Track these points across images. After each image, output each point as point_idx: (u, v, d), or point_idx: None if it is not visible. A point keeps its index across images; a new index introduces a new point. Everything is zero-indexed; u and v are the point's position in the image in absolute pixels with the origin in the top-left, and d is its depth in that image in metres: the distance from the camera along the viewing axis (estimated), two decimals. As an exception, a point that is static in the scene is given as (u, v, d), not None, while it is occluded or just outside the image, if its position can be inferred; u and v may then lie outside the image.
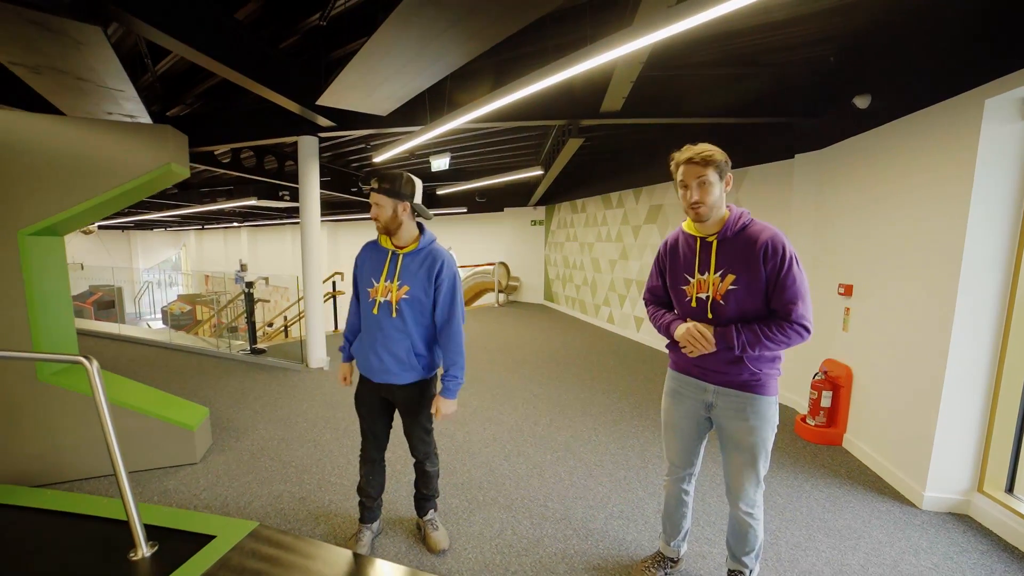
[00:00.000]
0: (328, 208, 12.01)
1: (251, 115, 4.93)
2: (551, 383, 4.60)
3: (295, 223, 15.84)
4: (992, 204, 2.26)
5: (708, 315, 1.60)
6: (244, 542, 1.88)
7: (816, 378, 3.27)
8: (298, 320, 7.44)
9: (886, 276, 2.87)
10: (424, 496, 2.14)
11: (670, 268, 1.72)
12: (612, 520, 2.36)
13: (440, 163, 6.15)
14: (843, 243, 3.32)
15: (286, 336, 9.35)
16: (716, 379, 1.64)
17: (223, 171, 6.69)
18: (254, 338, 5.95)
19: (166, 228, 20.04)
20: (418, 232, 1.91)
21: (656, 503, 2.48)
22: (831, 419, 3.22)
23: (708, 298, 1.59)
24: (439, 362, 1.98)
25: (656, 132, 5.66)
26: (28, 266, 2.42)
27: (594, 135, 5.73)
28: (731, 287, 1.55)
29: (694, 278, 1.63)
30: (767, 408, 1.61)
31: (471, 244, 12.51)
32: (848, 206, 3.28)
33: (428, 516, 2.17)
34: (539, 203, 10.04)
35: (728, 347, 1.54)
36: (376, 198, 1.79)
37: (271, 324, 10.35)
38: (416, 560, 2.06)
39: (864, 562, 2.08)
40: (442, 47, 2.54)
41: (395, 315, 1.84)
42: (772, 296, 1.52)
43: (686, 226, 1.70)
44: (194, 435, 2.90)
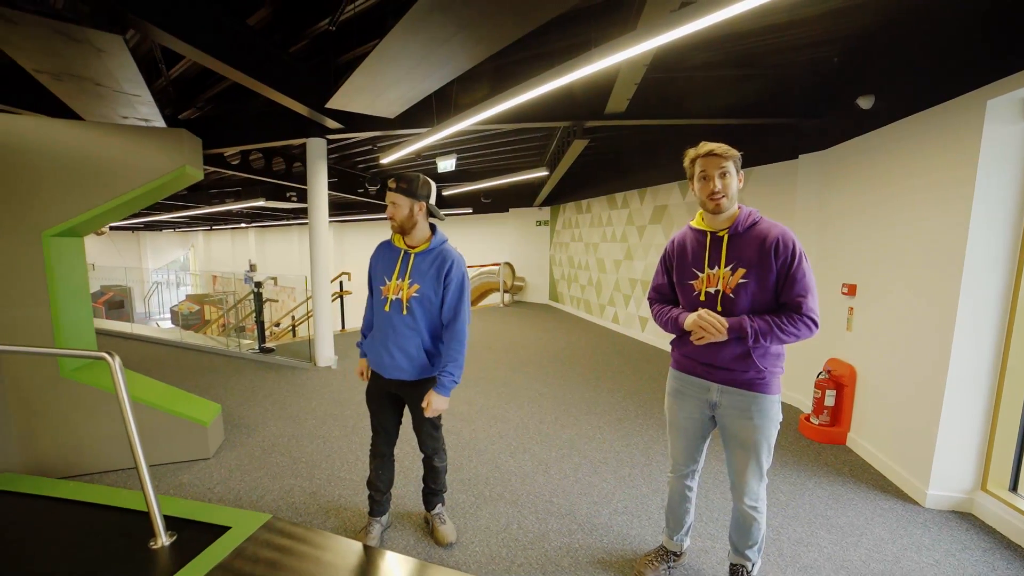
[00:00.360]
0: (335, 209, 12.12)
1: (261, 118, 5.01)
2: (556, 382, 4.65)
3: (302, 224, 15.97)
4: (994, 204, 2.28)
5: (718, 308, 1.63)
6: (258, 533, 1.94)
7: (820, 377, 3.29)
8: (306, 319, 7.53)
9: (889, 276, 2.89)
10: (432, 491, 2.20)
11: (678, 264, 1.75)
12: (616, 515, 2.40)
13: (446, 164, 6.21)
14: (847, 243, 3.34)
15: (294, 335, 9.44)
16: (721, 377, 1.66)
17: (232, 172, 6.79)
18: (263, 337, 6.04)
19: (175, 229, 20.29)
20: (430, 232, 1.97)
21: (659, 499, 2.52)
22: (835, 418, 3.24)
23: (718, 292, 1.62)
24: None
25: (660, 133, 5.69)
26: (51, 266, 2.51)
27: (599, 136, 5.78)
28: (741, 281, 1.58)
29: (703, 272, 1.66)
30: (771, 407, 1.64)
31: (476, 244, 12.56)
32: (851, 206, 3.30)
33: (436, 510, 2.22)
34: (544, 203, 10.08)
35: (740, 336, 1.56)
36: (393, 197, 1.85)
37: (278, 324, 10.45)
38: (424, 553, 2.11)
39: (866, 558, 2.10)
40: (450, 51, 2.59)
41: (406, 312, 1.89)
42: (782, 290, 1.56)
43: (695, 222, 1.73)
44: (207, 431, 2.97)
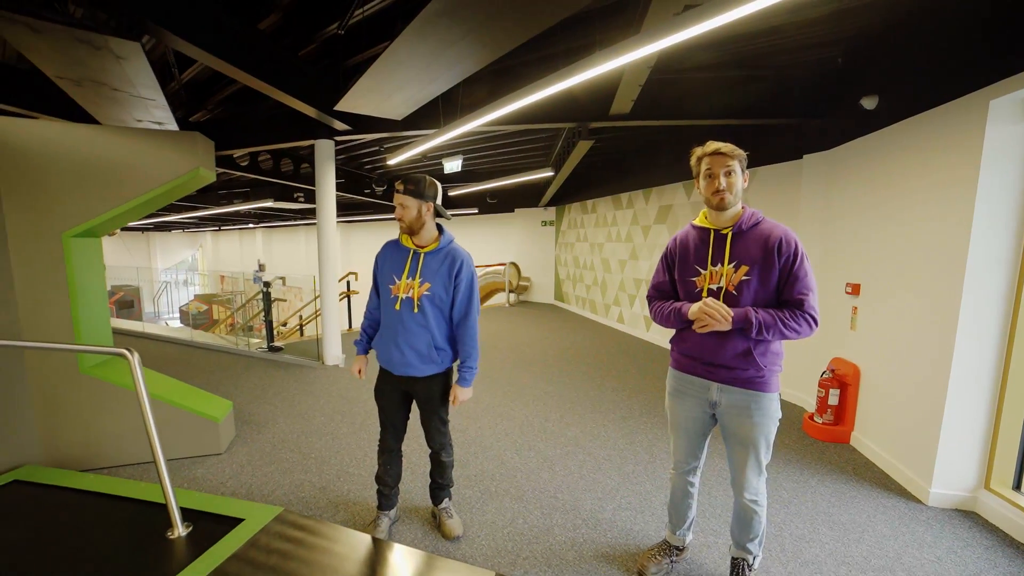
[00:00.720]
0: (341, 209, 12.21)
1: (270, 120, 5.09)
2: (561, 381, 4.68)
3: (309, 224, 16.11)
4: (996, 204, 2.29)
5: None
6: (271, 525, 1.99)
7: (824, 376, 3.31)
8: (314, 318, 7.62)
9: (893, 275, 2.90)
10: (439, 485, 2.25)
11: (680, 261, 1.78)
12: (620, 511, 2.43)
13: (452, 165, 6.27)
14: (851, 243, 3.35)
15: (301, 335, 9.54)
16: (722, 376, 1.69)
17: (241, 173, 6.88)
18: (272, 336, 6.12)
19: (184, 229, 20.51)
20: (438, 232, 2.02)
21: (663, 495, 2.55)
22: (839, 417, 3.25)
23: (720, 289, 1.66)
24: (456, 356, 2.08)
25: (665, 133, 5.71)
26: (71, 266, 2.59)
27: (604, 137, 5.81)
28: (744, 278, 1.62)
29: (706, 269, 1.69)
30: (770, 404, 1.67)
31: (482, 244, 12.60)
32: (855, 206, 3.32)
33: (443, 504, 2.27)
34: (549, 204, 10.12)
35: (744, 327, 1.58)
36: (402, 199, 1.90)
37: (285, 324, 10.56)
38: (432, 546, 2.16)
39: (867, 554, 2.12)
40: (457, 55, 2.64)
41: (417, 311, 1.94)
42: (784, 288, 1.60)
43: (698, 221, 1.76)
44: (219, 427, 3.04)
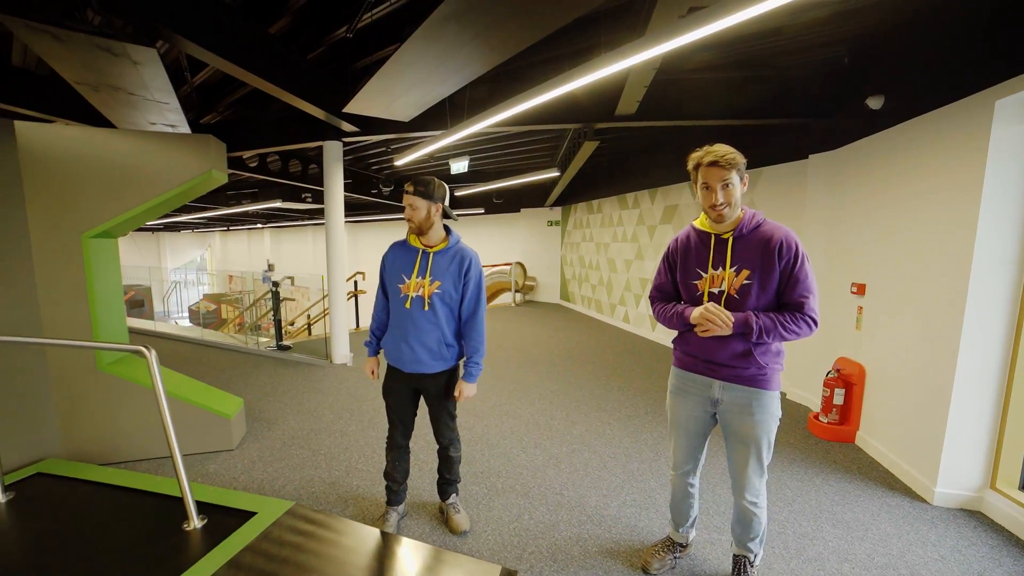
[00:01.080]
0: (348, 210, 12.27)
1: (279, 122, 5.16)
2: (567, 380, 4.72)
3: (316, 224, 16.24)
4: (1002, 204, 2.29)
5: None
6: (282, 519, 2.04)
7: (829, 376, 3.32)
8: (322, 318, 7.70)
9: (898, 275, 2.91)
10: (447, 480, 2.29)
11: (681, 264, 1.79)
12: (625, 508, 2.47)
13: (459, 166, 6.31)
14: (856, 242, 3.36)
15: (309, 334, 9.64)
16: (724, 374, 1.71)
17: (250, 174, 6.97)
18: (280, 335, 6.20)
19: (193, 230, 20.76)
20: (445, 233, 2.07)
21: (667, 493, 2.56)
22: (844, 416, 3.26)
23: (722, 292, 1.67)
24: (462, 352, 2.13)
25: (671, 133, 5.72)
26: (89, 265, 2.67)
27: (609, 137, 5.83)
28: (746, 281, 1.63)
29: (707, 273, 1.70)
30: (771, 402, 1.69)
31: (488, 244, 12.66)
32: (861, 205, 3.32)
33: (450, 500, 2.32)
34: (555, 204, 10.15)
35: (745, 332, 1.60)
36: (411, 200, 1.95)
37: (292, 323, 10.67)
38: (439, 540, 2.20)
39: (870, 552, 2.14)
40: (464, 58, 2.68)
41: (427, 308, 1.99)
42: (785, 290, 1.61)
43: (698, 223, 1.77)
44: (231, 423, 3.10)
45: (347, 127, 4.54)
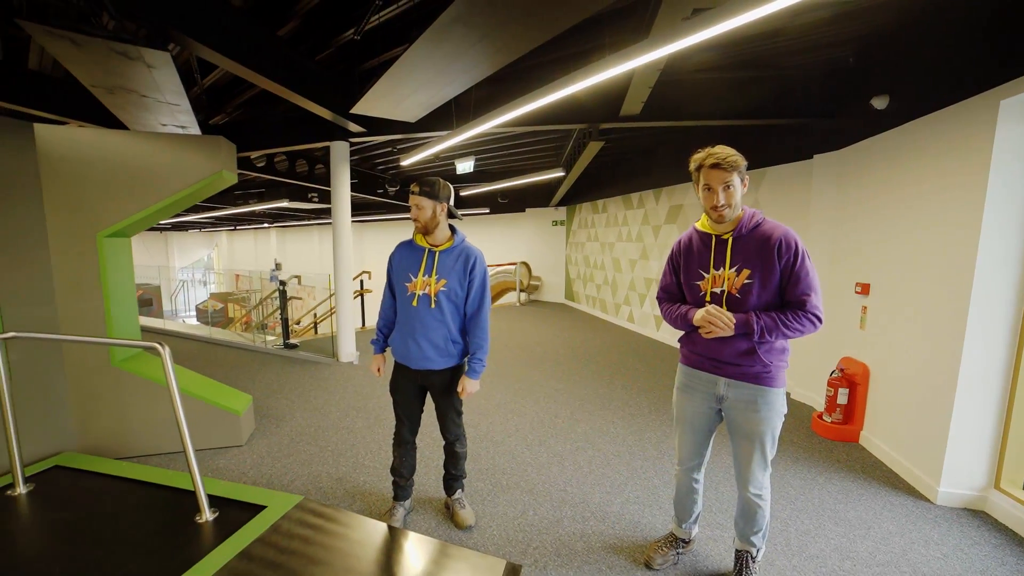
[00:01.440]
0: (354, 209, 12.37)
1: (287, 122, 5.22)
2: (571, 379, 4.74)
3: (322, 224, 16.34)
4: (1006, 203, 2.29)
5: (723, 308, 1.70)
6: (292, 512, 2.09)
7: (833, 375, 3.32)
8: (329, 316, 7.77)
9: (902, 275, 2.91)
10: (453, 476, 2.33)
11: (684, 265, 1.82)
12: (628, 505, 2.49)
13: (465, 166, 6.35)
14: (860, 242, 3.36)
15: (315, 332, 9.72)
16: (729, 372, 1.73)
17: (257, 174, 7.04)
18: (287, 333, 6.27)
19: (200, 229, 20.94)
20: (450, 232, 2.10)
21: (670, 490, 2.59)
22: (848, 416, 3.26)
23: (723, 292, 1.70)
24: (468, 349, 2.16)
25: (675, 133, 5.73)
26: (104, 264, 2.73)
27: (614, 137, 5.84)
28: (746, 281, 1.66)
29: (708, 273, 1.74)
30: (776, 399, 1.71)
31: (493, 244, 12.68)
32: (866, 205, 3.33)
33: (456, 495, 2.35)
34: (560, 203, 10.17)
35: (747, 332, 1.63)
36: (417, 200, 1.99)
37: (299, 322, 10.75)
38: (445, 535, 2.24)
39: (872, 550, 2.15)
40: (471, 60, 2.72)
41: (434, 306, 2.03)
42: (787, 288, 1.63)
43: (700, 224, 1.80)
44: (240, 420, 3.16)
45: (354, 128, 4.59)
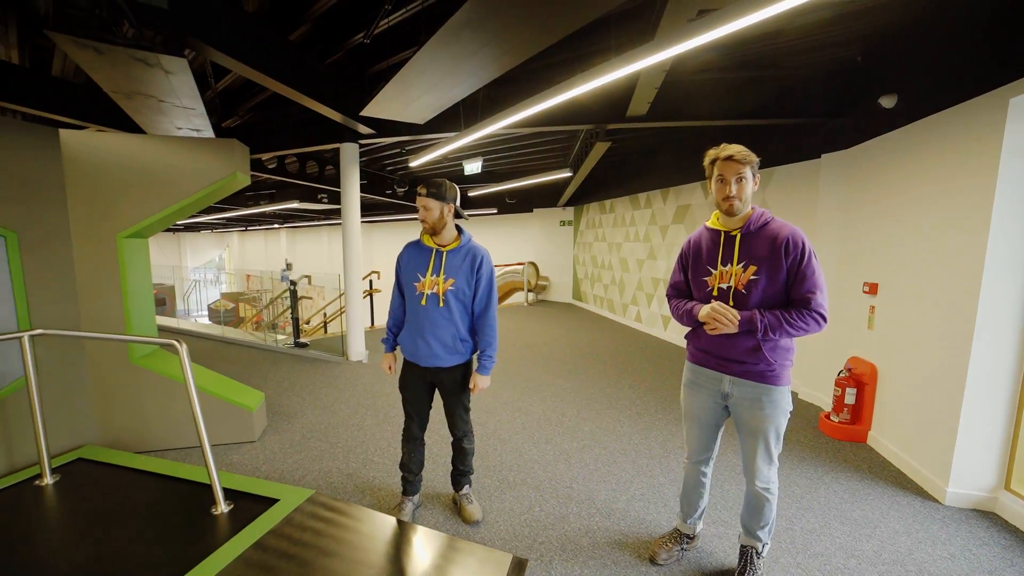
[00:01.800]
0: (363, 210, 12.44)
1: (298, 125, 5.31)
2: (578, 378, 4.77)
3: (332, 224, 16.50)
4: (1015, 203, 2.29)
5: (730, 303, 1.73)
6: (303, 506, 2.15)
7: (840, 375, 3.32)
8: (338, 316, 7.86)
9: (911, 274, 2.90)
10: (460, 472, 2.37)
11: (693, 262, 1.86)
12: (634, 502, 2.52)
13: (472, 167, 6.40)
14: (868, 241, 3.35)
15: (325, 332, 9.83)
16: (733, 369, 1.76)
17: (267, 176, 7.15)
18: (298, 332, 6.37)
19: (212, 230, 21.25)
20: (457, 232, 2.15)
21: (676, 488, 2.62)
22: (855, 416, 3.25)
23: (730, 288, 1.73)
24: (476, 347, 2.21)
25: (683, 133, 5.73)
26: (123, 264, 2.82)
27: (621, 137, 5.86)
28: (752, 277, 1.69)
29: (716, 269, 1.77)
30: (781, 398, 1.73)
31: (501, 244, 12.74)
32: (873, 204, 3.31)
33: (463, 491, 2.39)
34: (568, 204, 10.18)
35: (751, 330, 1.65)
36: (425, 202, 2.03)
37: (308, 322, 10.88)
38: (453, 529, 2.28)
39: (878, 549, 2.16)
40: (478, 63, 2.76)
41: (442, 305, 2.07)
42: (792, 286, 1.66)
43: (710, 222, 1.84)
44: (253, 416, 3.23)
45: (363, 129, 4.66)
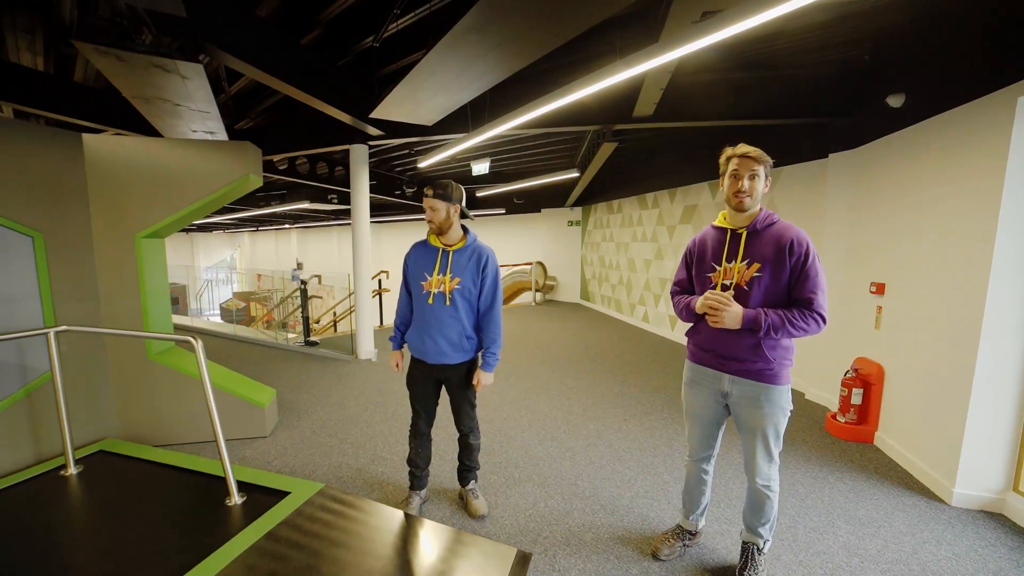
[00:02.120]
0: (372, 210, 12.56)
1: (308, 126, 5.39)
2: (585, 377, 4.79)
3: (342, 224, 16.65)
4: (1022, 202, 2.28)
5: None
6: (314, 498, 2.21)
7: (847, 376, 3.31)
8: (348, 315, 7.96)
9: (918, 275, 2.89)
10: (467, 467, 2.42)
11: (698, 259, 1.89)
12: (638, 499, 2.54)
13: (480, 168, 6.45)
14: (876, 241, 3.34)
15: (335, 331, 9.94)
16: (732, 368, 1.79)
17: (278, 176, 7.26)
18: (308, 331, 6.46)
19: (224, 230, 21.56)
20: (463, 232, 2.19)
21: (680, 485, 2.63)
22: (862, 416, 3.25)
23: (732, 284, 1.76)
24: (481, 344, 2.25)
25: (690, 133, 5.73)
26: (141, 263, 2.91)
27: (628, 137, 5.87)
28: (755, 275, 1.72)
29: (720, 266, 1.80)
30: (780, 397, 1.75)
31: (509, 244, 12.78)
32: (881, 204, 3.30)
33: (470, 486, 2.44)
34: (575, 204, 10.20)
35: (754, 328, 1.67)
36: (432, 203, 2.08)
37: (318, 321, 11.01)
38: (459, 523, 2.33)
39: (881, 548, 2.16)
40: (485, 66, 2.80)
41: (449, 303, 2.12)
42: (795, 286, 1.68)
43: (717, 221, 1.88)
44: (265, 412, 3.30)
45: (373, 131, 4.73)
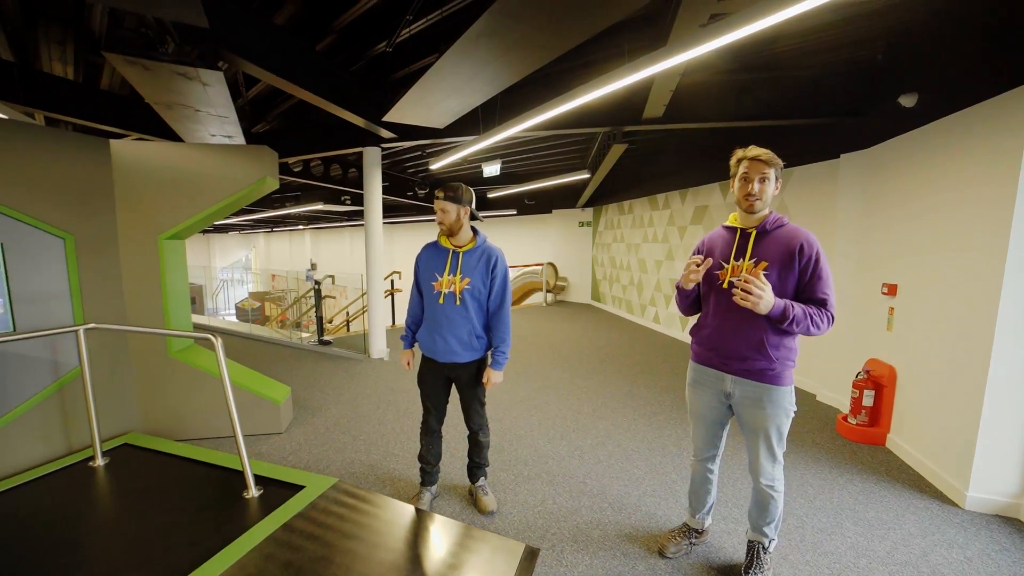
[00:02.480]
0: (385, 211, 12.72)
1: (323, 130, 5.50)
2: (595, 377, 4.82)
3: (355, 225, 16.87)
4: (1036, 204, 2.26)
5: (736, 298, 1.75)
6: (328, 492, 2.27)
7: (858, 377, 3.29)
8: (361, 314, 8.07)
9: (930, 276, 2.87)
10: (476, 464, 2.46)
11: (707, 256, 1.90)
12: (645, 497, 2.57)
13: (491, 169, 6.51)
14: (888, 242, 3.31)
15: (348, 330, 10.08)
16: (735, 368, 1.81)
17: (293, 179, 7.41)
18: (322, 330, 6.58)
19: (240, 231, 21.96)
20: (472, 233, 2.24)
21: (687, 484, 2.64)
22: (873, 418, 3.22)
23: (741, 281, 1.78)
24: (491, 343, 2.30)
25: (700, 135, 5.72)
26: (163, 263, 3.02)
27: (638, 139, 5.88)
28: (763, 273, 1.73)
29: (729, 264, 1.83)
30: (782, 397, 1.77)
31: (520, 245, 12.82)
32: (893, 205, 3.28)
33: (479, 482, 2.49)
34: (586, 205, 10.20)
35: (782, 317, 1.65)
36: (443, 205, 2.14)
37: (331, 321, 11.16)
38: (468, 519, 2.37)
39: (891, 550, 2.16)
40: (496, 70, 2.85)
41: (459, 303, 2.17)
42: (807, 287, 1.71)
43: (729, 221, 1.91)
44: (280, 409, 3.39)
45: (386, 134, 4.81)
